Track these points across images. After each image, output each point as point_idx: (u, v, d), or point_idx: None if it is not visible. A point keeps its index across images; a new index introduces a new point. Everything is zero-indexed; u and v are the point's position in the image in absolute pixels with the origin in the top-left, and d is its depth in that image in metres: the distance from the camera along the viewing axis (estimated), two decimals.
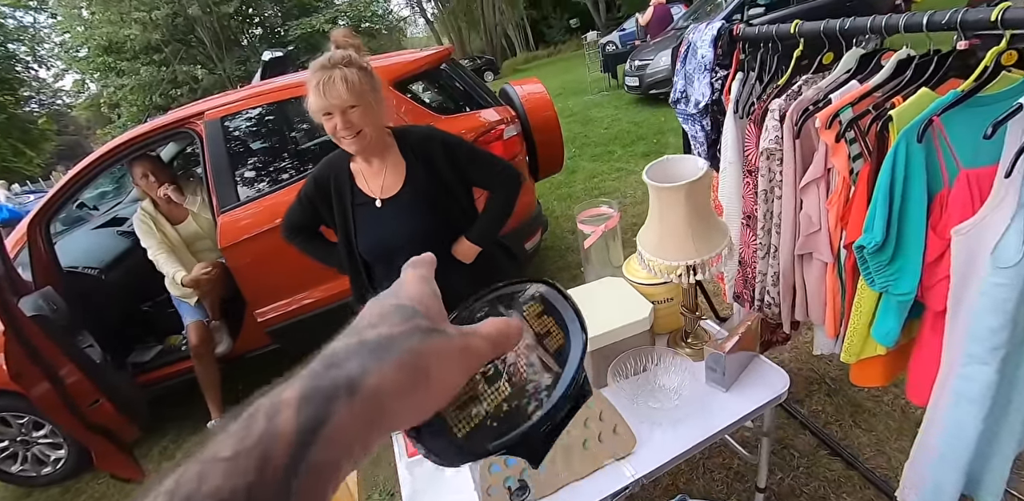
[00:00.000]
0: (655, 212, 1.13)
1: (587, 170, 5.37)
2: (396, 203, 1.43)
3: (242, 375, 3.07)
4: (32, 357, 1.81)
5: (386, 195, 1.43)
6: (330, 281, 2.45)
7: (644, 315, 1.20)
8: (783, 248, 1.37)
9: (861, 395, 1.90)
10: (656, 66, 7.15)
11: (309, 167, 2.61)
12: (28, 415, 2.54)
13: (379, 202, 1.42)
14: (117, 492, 2.57)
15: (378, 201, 1.42)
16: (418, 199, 1.43)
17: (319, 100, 1.27)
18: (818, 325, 1.43)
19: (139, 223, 2.57)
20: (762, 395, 1.12)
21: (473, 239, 1.52)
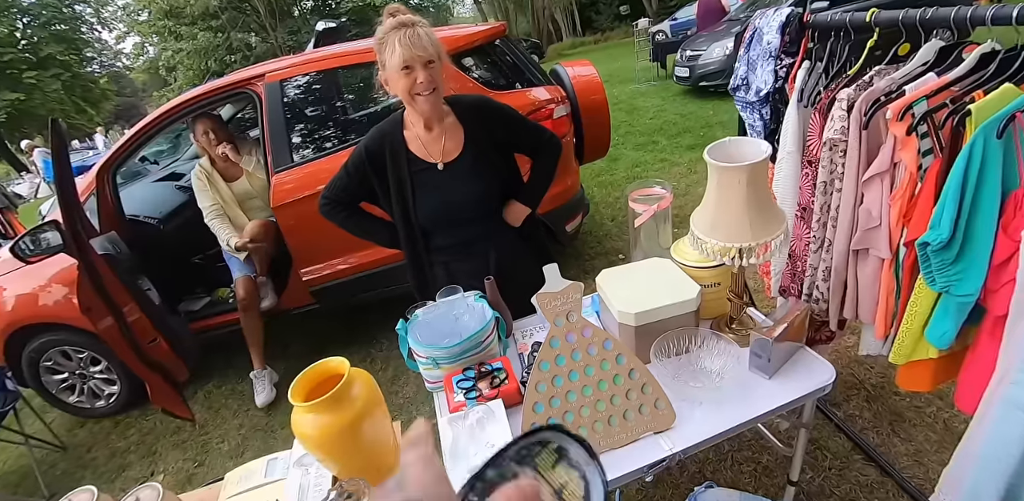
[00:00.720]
0: (712, 193, 1.13)
1: (630, 159, 5.33)
2: (458, 166, 1.47)
3: (284, 331, 3.22)
4: (101, 293, 1.94)
5: (447, 159, 1.47)
6: (373, 247, 2.52)
7: (692, 296, 1.20)
8: (838, 242, 1.34)
9: (902, 404, 1.86)
10: (709, 57, 6.96)
11: (352, 138, 2.70)
12: (87, 351, 2.74)
13: (441, 166, 1.46)
14: (164, 429, 2.76)
15: (440, 165, 1.46)
16: (478, 162, 1.48)
17: (405, 51, 1.27)
18: (867, 324, 1.40)
19: (196, 179, 2.69)
20: (806, 385, 1.12)
21: (524, 201, 1.58)
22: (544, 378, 1.05)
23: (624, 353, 1.08)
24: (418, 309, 1.39)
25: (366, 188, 1.52)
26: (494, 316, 1.33)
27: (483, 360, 1.29)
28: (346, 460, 0.98)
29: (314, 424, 0.93)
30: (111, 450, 2.72)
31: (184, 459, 2.52)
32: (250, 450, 2.47)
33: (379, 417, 1.01)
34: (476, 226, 1.55)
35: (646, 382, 1.09)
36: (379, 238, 1.63)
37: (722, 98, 6.92)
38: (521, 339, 1.45)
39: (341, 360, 1.02)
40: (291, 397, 0.94)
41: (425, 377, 1.33)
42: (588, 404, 1.06)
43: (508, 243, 1.60)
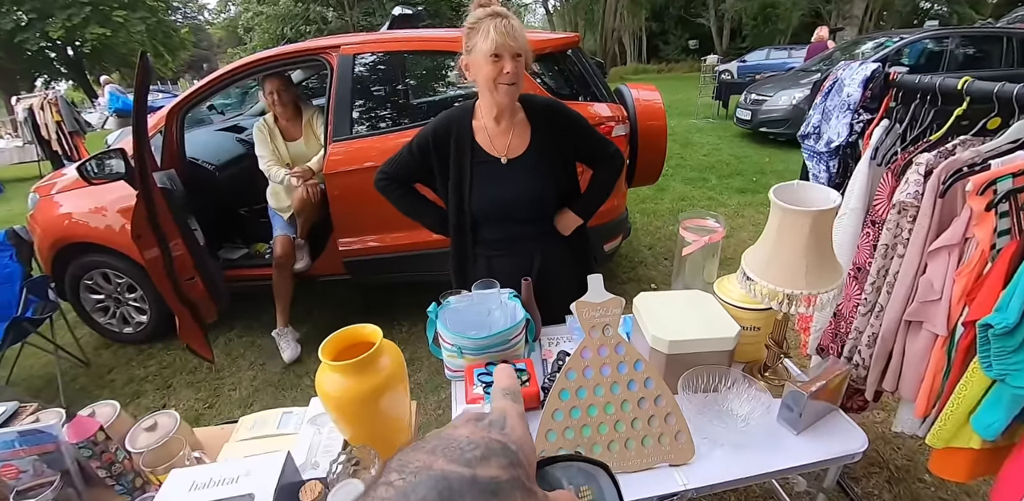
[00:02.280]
0: (771, 234, 1.11)
1: (677, 192, 5.30)
2: (520, 163, 1.48)
3: (310, 296, 3.29)
4: (153, 223, 2.01)
5: (512, 155, 1.48)
6: (417, 229, 2.54)
7: (730, 334, 1.18)
8: (890, 310, 1.29)
9: (926, 492, 1.77)
10: (774, 104, 6.91)
11: (406, 122, 2.77)
12: (126, 277, 2.85)
13: (504, 160, 1.48)
14: (182, 366, 2.86)
15: (504, 159, 1.48)
16: (541, 162, 1.48)
17: (499, 38, 1.29)
18: (906, 400, 1.35)
19: (257, 132, 2.77)
20: (835, 449, 1.07)
21: (578, 211, 1.58)
22: (569, 386, 1.05)
23: (654, 377, 1.07)
24: (452, 296, 1.41)
25: (425, 169, 1.54)
26: (525, 317, 1.34)
27: (507, 358, 1.30)
28: (360, 426, 1.00)
29: (338, 385, 0.95)
30: (130, 376, 2.82)
31: (196, 398, 2.60)
32: (259, 403, 2.52)
33: (399, 392, 1.03)
34: (526, 226, 1.55)
35: (671, 412, 1.06)
36: (428, 221, 1.64)
37: (780, 147, 6.86)
38: (547, 346, 1.46)
39: (375, 328, 1.04)
40: (321, 354, 0.96)
41: (447, 364, 1.35)
42: (607, 422, 1.05)
43: (554, 249, 1.60)
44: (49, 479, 0.92)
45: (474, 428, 0.30)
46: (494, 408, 0.34)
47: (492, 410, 0.34)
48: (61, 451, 0.93)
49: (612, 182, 1.64)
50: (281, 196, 2.82)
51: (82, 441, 0.86)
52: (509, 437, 0.30)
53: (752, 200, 4.91)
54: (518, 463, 0.29)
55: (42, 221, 2.85)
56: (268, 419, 1.14)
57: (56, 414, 1.02)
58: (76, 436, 0.85)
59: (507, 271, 1.53)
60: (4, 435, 0.91)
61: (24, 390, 2.73)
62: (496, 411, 0.33)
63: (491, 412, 0.33)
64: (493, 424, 0.32)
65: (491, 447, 0.29)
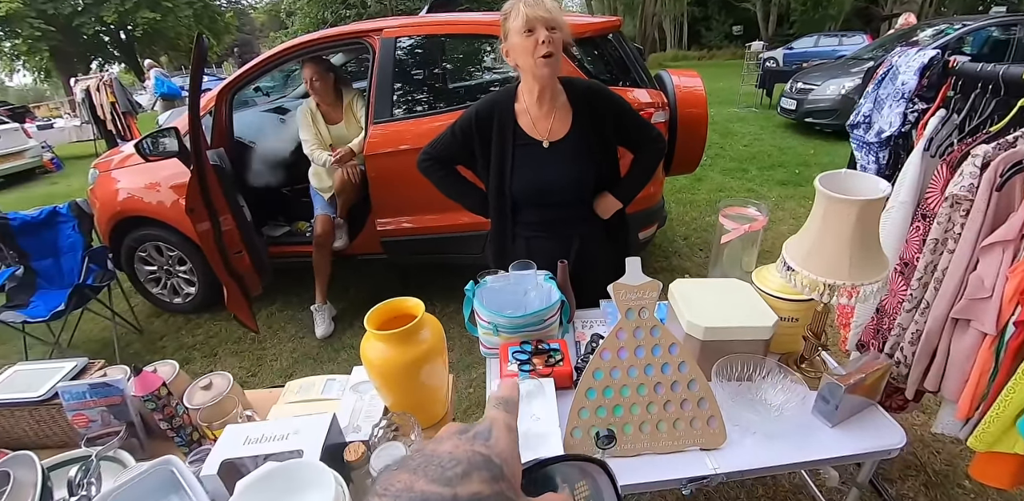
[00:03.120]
0: (816, 223, 1.09)
1: (715, 182, 5.19)
2: (562, 147, 1.49)
3: (347, 275, 3.40)
4: (205, 198, 2.10)
5: (554, 138, 1.49)
6: (453, 212, 2.59)
7: (767, 323, 1.16)
8: (937, 307, 1.25)
9: (965, 499, 1.72)
10: (821, 94, 6.64)
11: (443, 106, 2.79)
12: (177, 250, 3.00)
13: (546, 144, 1.49)
14: (227, 336, 3.01)
15: (545, 142, 1.49)
16: (582, 145, 1.49)
17: (529, 11, 1.31)
18: (948, 401, 1.31)
19: (301, 116, 2.84)
20: (871, 444, 1.06)
21: (618, 195, 1.58)
22: (603, 367, 1.07)
23: (688, 362, 1.08)
24: (489, 275, 1.44)
25: (468, 151, 1.56)
26: (560, 298, 1.36)
27: (541, 338, 1.32)
28: (401, 394, 1.05)
29: (381, 353, 0.99)
30: (179, 343, 3.00)
31: (240, 366, 2.73)
32: (298, 373, 2.64)
33: (439, 365, 1.07)
34: (566, 209, 1.57)
35: (704, 397, 1.06)
36: (469, 202, 1.67)
37: (826, 138, 6.61)
38: (580, 328, 1.48)
39: (417, 302, 1.08)
40: (367, 323, 1.01)
41: (482, 341, 1.38)
42: (639, 403, 1.06)
43: (592, 233, 1.61)
44: (115, 429, 0.99)
45: (457, 442, 0.30)
46: (484, 417, 0.34)
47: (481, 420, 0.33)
48: (127, 404, 1.00)
49: (653, 167, 1.63)
50: (323, 177, 2.90)
51: (147, 394, 0.93)
52: (493, 449, 0.30)
53: (794, 193, 4.77)
54: (501, 476, 0.28)
55: (101, 195, 3.01)
56: (313, 384, 1.20)
57: (122, 370, 1.10)
58: (142, 390, 0.92)
59: (545, 253, 1.54)
60: (76, 387, 0.98)
61: (84, 352, 2.92)
62: (484, 421, 0.33)
63: (478, 423, 0.32)
64: (478, 436, 0.31)
65: (473, 461, 0.28)
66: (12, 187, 7.90)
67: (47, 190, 7.49)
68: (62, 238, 2.81)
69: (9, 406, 1.04)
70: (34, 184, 8.07)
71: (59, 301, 2.55)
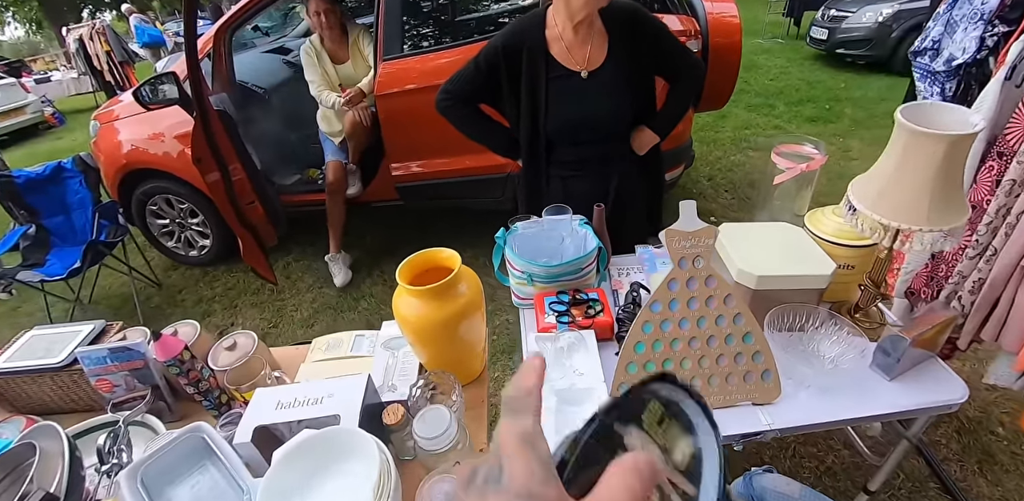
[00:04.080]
0: (892, 160, 0.97)
1: (740, 119, 4.92)
2: (600, 77, 1.36)
3: (363, 223, 3.31)
4: (212, 146, 1.99)
5: (591, 67, 1.36)
6: (473, 153, 2.46)
7: (825, 271, 1.09)
8: (1007, 253, 1.18)
9: (998, 445, 1.70)
10: (856, 21, 6.13)
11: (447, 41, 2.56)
12: (188, 202, 2.90)
13: (585, 74, 1.35)
14: (246, 288, 2.97)
15: (584, 73, 1.35)
16: (620, 75, 1.36)
17: None
18: (1007, 352, 1.27)
19: (305, 56, 2.65)
20: (930, 398, 1.01)
21: (656, 128, 1.47)
22: (653, 319, 1.00)
23: (744, 313, 1.00)
24: (520, 221, 1.35)
25: (494, 86, 1.42)
26: (597, 245, 1.27)
27: (579, 287, 1.25)
28: (436, 351, 0.98)
29: (416, 309, 0.92)
30: (199, 296, 2.97)
31: (260, 318, 2.71)
32: (319, 324, 2.61)
33: (476, 320, 0.99)
34: (604, 145, 1.46)
35: (759, 350, 1.00)
36: (495, 143, 1.55)
37: (859, 71, 6.22)
38: (616, 276, 1.40)
39: (452, 253, 0.99)
40: (399, 277, 0.93)
41: (515, 291, 1.31)
42: (691, 357, 1.00)
43: (630, 171, 1.52)
44: (141, 393, 0.95)
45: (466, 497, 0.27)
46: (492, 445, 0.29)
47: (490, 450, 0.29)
48: (150, 367, 0.95)
49: (691, 97, 1.53)
50: (332, 120, 2.75)
51: (169, 359, 0.87)
52: (510, 490, 0.26)
53: (824, 130, 4.54)
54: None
55: (105, 148, 2.89)
56: (342, 341, 1.14)
57: (141, 333, 1.04)
58: (164, 355, 0.86)
59: (583, 193, 1.45)
60: (96, 351, 0.93)
61: (105, 308, 2.93)
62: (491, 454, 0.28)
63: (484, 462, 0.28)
64: (489, 481, 0.27)
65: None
66: (17, 144, 7.78)
67: (52, 145, 7.38)
68: (70, 194, 2.73)
69: (30, 373, 0.99)
70: (38, 140, 7.93)
71: (74, 258, 2.51)
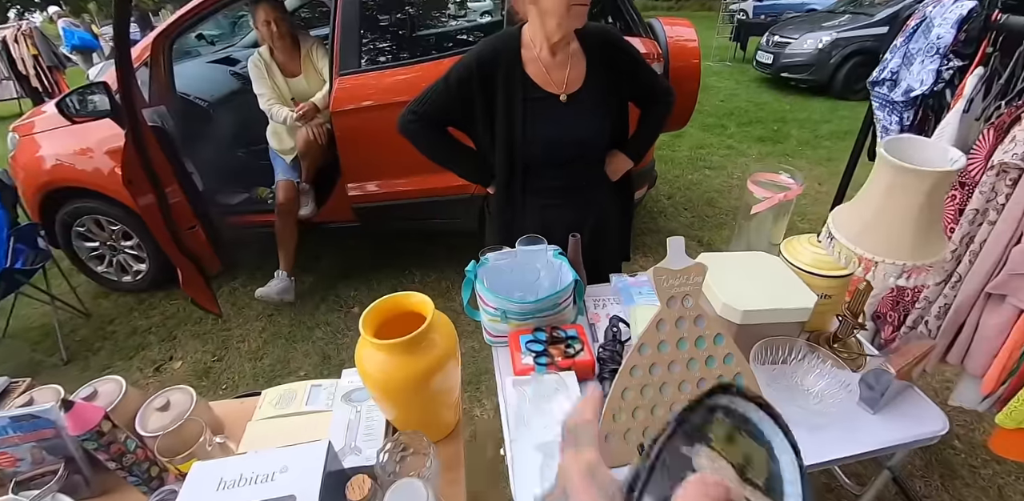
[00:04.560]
0: (876, 196, 0.95)
1: (695, 139, 5.07)
2: (579, 100, 1.31)
3: (317, 243, 3.12)
4: (145, 167, 1.80)
5: (570, 90, 1.31)
6: (434, 173, 2.32)
7: (808, 304, 1.07)
8: (970, 281, 1.21)
9: (957, 459, 1.76)
10: (798, 48, 6.58)
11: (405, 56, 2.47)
12: (120, 224, 2.64)
13: (564, 97, 1.30)
14: (186, 316, 2.72)
15: (563, 96, 1.30)
16: (598, 98, 1.32)
17: None
18: (971, 375, 1.29)
19: (253, 68, 2.50)
20: (914, 431, 1.00)
21: (630, 154, 1.45)
22: (641, 363, 0.93)
23: (734, 353, 0.95)
24: (491, 253, 1.26)
25: (465, 107, 1.33)
26: (574, 278, 1.20)
27: (556, 323, 1.18)
28: (409, 409, 0.88)
29: (383, 365, 0.81)
30: (132, 327, 2.69)
31: (203, 351, 2.48)
32: (269, 356, 2.42)
33: (451, 370, 0.89)
34: (581, 172, 1.40)
35: (750, 388, 0.96)
36: (464, 168, 1.47)
37: (802, 94, 6.59)
38: (592, 308, 1.33)
39: (423, 298, 0.89)
40: (362, 328, 0.82)
41: (487, 328, 1.22)
42: (681, 402, 0.92)
43: (605, 198, 1.48)
44: (52, 467, 0.79)
45: None
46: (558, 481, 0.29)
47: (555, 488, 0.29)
48: (62, 436, 0.80)
49: (664, 123, 1.51)
50: (283, 137, 2.59)
51: (85, 433, 0.72)
52: None
53: (772, 150, 4.74)
54: None
55: (24, 164, 2.61)
56: (295, 393, 1.01)
57: (53, 392, 0.89)
58: (78, 428, 0.72)
59: (562, 223, 1.38)
60: None
61: (22, 343, 2.61)
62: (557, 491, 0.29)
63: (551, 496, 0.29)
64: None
65: None
66: None
67: None
68: None
69: None
70: None
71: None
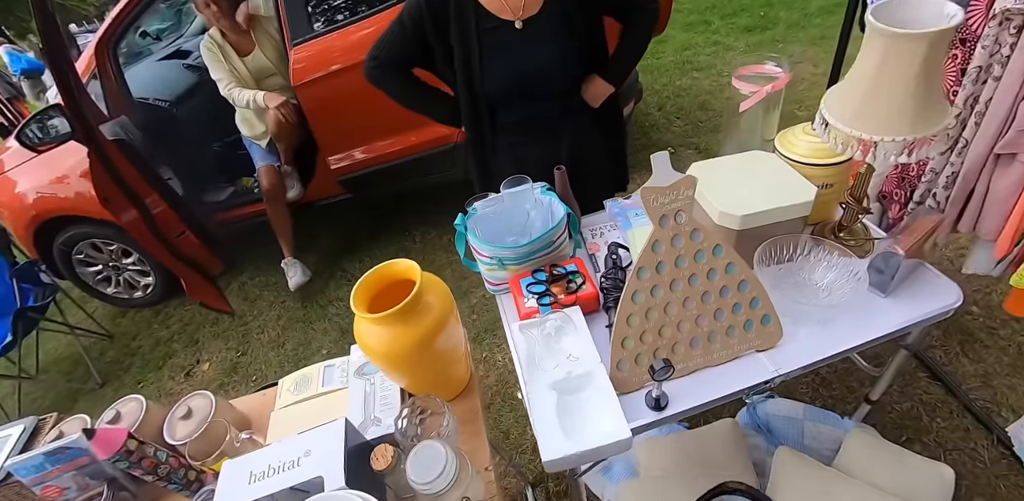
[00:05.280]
0: (868, 70, 0.85)
1: (678, 41, 4.76)
2: (538, 25, 1.21)
3: (313, 221, 3.08)
4: (119, 183, 1.77)
5: (526, 15, 1.21)
6: (413, 129, 2.29)
7: (807, 198, 1.01)
8: (977, 144, 1.13)
9: (975, 324, 1.73)
10: None
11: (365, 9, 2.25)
12: (116, 243, 2.64)
13: (519, 24, 1.20)
14: (204, 319, 2.76)
15: (518, 22, 1.20)
16: (561, 21, 1.22)
17: None
18: (984, 240, 1.24)
19: (206, 52, 2.36)
20: (928, 307, 0.97)
21: (609, 77, 1.33)
22: (642, 287, 0.90)
23: (736, 262, 0.91)
24: (478, 201, 1.22)
25: (423, 45, 1.26)
26: (566, 212, 1.15)
27: (554, 261, 1.14)
28: (418, 375, 0.88)
29: (382, 337, 0.80)
30: (155, 339, 2.76)
31: (227, 348, 2.54)
32: (290, 341, 2.46)
33: (452, 327, 0.88)
34: (551, 103, 1.32)
35: (756, 295, 0.94)
36: (437, 112, 1.41)
37: None
38: (591, 238, 1.29)
39: (410, 264, 0.87)
40: (354, 306, 0.80)
41: (487, 278, 1.20)
42: (687, 319, 0.93)
43: (585, 127, 1.39)
44: (97, 490, 0.83)
45: None
46: None
47: None
48: (97, 461, 0.82)
49: (647, 38, 1.39)
50: (253, 122, 2.50)
51: (113, 455, 0.74)
52: None
53: (762, 38, 4.44)
54: None
55: (5, 203, 2.57)
56: (310, 377, 1.02)
57: (80, 421, 0.91)
58: (105, 452, 0.73)
59: (536, 159, 1.33)
60: (30, 460, 0.80)
61: (56, 375, 2.70)
62: None
63: None
64: None
65: None
66: None
67: None
68: None
69: None
70: None
71: (4, 332, 2.27)
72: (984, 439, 1.47)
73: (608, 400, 0.88)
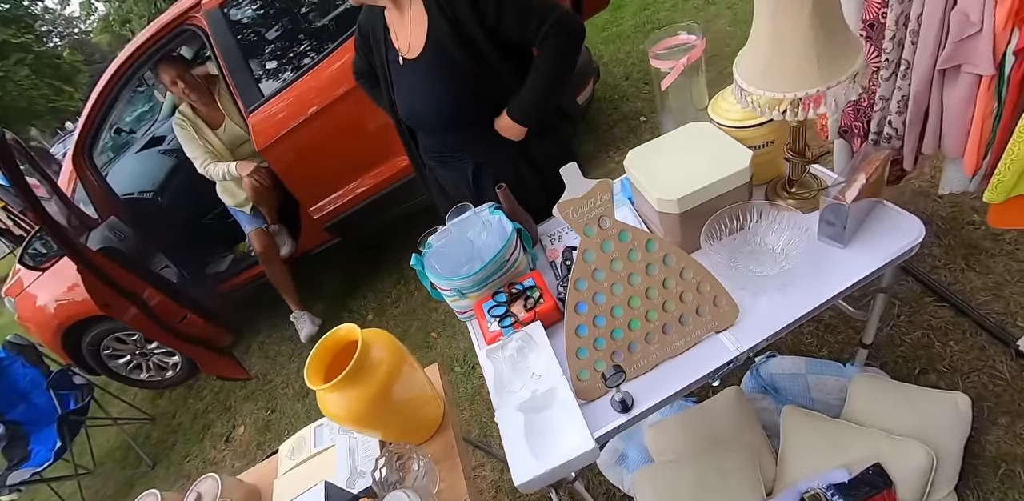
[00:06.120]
0: (764, 26, 0.83)
1: (636, 4, 4.53)
2: (419, 63, 1.21)
3: (314, 271, 3.15)
4: (112, 287, 1.86)
5: (412, 54, 1.21)
6: (379, 165, 2.31)
7: (743, 165, 0.99)
8: (919, 64, 1.09)
9: (977, 233, 1.63)
10: None
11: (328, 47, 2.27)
12: (137, 332, 2.72)
13: (402, 60, 1.22)
14: (233, 385, 2.85)
15: (401, 59, 1.22)
16: (440, 60, 1.19)
17: None
18: (952, 158, 1.19)
19: (179, 129, 2.44)
20: (889, 248, 0.94)
21: (514, 115, 1.25)
22: (583, 297, 0.90)
23: (671, 252, 0.90)
24: (430, 237, 1.24)
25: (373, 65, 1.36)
26: (515, 229, 1.16)
27: (512, 280, 1.15)
28: (387, 427, 0.91)
29: (339, 403, 0.84)
30: (192, 413, 2.87)
31: (257, 408, 2.62)
32: (312, 391, 2.51)
33: (407, 375, 0.90)
34: (454, 134, 1.32)
35: (701, 280, 0.93)
36: None
37: None
38: (550, 245, 1.29)
39: (351, 327, 0.90)
40: (308, 380, 0.85)
41: (454, 308, 1.22)
42: (637, 316, 0.92)
43: (504, 154, 1.34)
44: None
45: None
46: None
47: None
48: None
49: (561, 67, 1.23)
50: (234, 191, 2.59)
51: None
52: None
53: None
54: None
55: (31, 318, 2.74)
56: (304, 440, 1.06)
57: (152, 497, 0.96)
58: None
59: (447, 182, 1.38)
60: None
61: (112, 464, 2.83)
62: None
63: None
64: None
65: None
66: None
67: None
68: (19, 379, 2.61)
69: None
70: None
71: (53, 439, 2.39)
72: (1002, 354, 1.37)
73: (572, 414, 0.89)
